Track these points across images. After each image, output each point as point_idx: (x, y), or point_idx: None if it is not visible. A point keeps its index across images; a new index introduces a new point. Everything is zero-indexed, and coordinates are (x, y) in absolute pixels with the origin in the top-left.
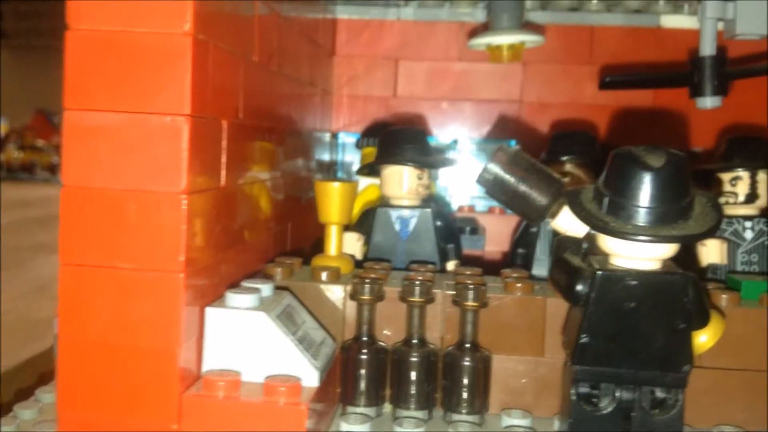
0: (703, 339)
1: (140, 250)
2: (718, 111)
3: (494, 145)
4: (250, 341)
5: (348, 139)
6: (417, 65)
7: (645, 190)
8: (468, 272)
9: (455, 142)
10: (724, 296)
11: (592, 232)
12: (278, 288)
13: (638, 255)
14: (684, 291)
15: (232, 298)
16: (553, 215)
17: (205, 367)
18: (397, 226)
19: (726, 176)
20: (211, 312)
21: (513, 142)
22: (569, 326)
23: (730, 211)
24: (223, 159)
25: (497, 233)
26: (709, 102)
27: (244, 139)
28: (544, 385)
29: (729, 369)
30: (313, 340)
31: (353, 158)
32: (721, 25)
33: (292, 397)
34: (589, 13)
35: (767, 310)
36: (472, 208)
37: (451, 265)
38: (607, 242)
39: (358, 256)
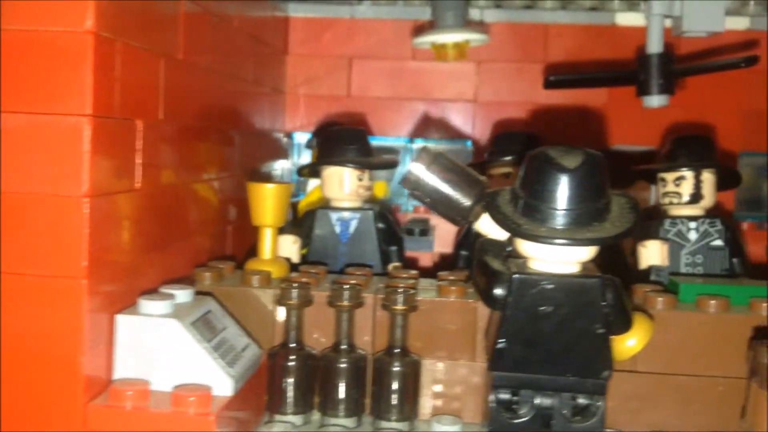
0: (631, 343)
1: (44, 256)
2: (674, 109)
3: (450, 145)
4: (162, 349)
5: (303, 139)
6: (371, 64)
7: (559, 192)
8: (404, 275)
9: (468, 143)
10: (659, 299)
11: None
12: (202, 293)
13: (554, 258)
14: (601, 295)
15: (145, 304)
16: (476, 217)
17: (116, 375)
18: (338, 228)
19: (670, 176)
20: (121, 319)
21: (469, 143)
22: (490, 331)
23: (674, 211)
24: (138, 160)
25: (452, 234)
26: (655, 101)
27: (167, 140)
28: (476, 391)
29: (663, 374)
30: (233, 347)
31: (309, 158)
32: (670, 23)
33: (202, 407)
34: (544, 11)
35: (704, 313)
36: (427, 209)
37: (392, 268)
38: (523, 245)
39: (295, 259)
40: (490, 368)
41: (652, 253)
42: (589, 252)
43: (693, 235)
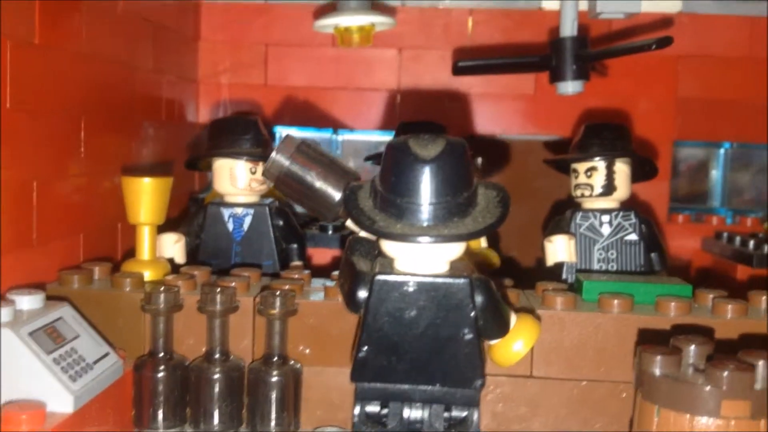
0: (518, 347)
1: None
2: (604, 97)
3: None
4: None
5: None
6: (288, 51)
7: (416, 185)
8: (295, 275)
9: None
10: (558, 299)
11: None
12: (62, 298)
13: (417, 257)
14: (470, 297)
15: None
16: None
17: None
18: (230, 226)
19: (581, 167)
20: None
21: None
22: (355, 339)
23: (587, 204)
24: None
25: None
26: (570, 87)
27: (15, 132)
28: None
29: (561, 379)
30: (82, 358)
31: None
32: (587, 6)
33: (34, 424)
34: None
35: (606, 313)
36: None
37: (292, 267)
38: (384, 244)
39: (178, 259)
40: (352, 378)
41: (558, 249)
42: (455, 249)
43: (606, 229)
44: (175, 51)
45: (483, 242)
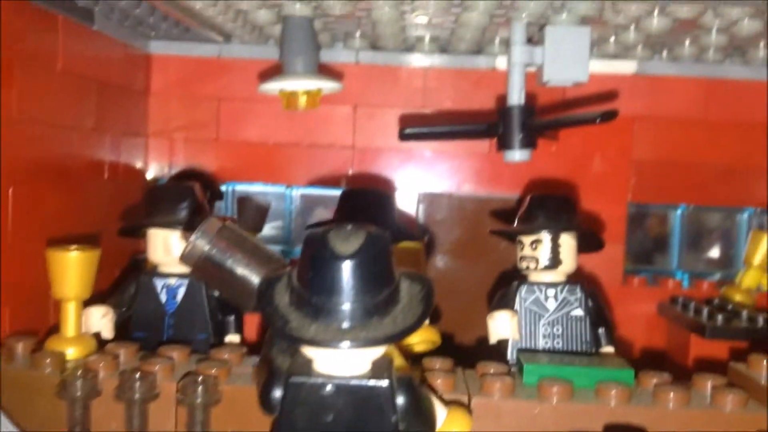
0: None
1: None
2: (560, 158)
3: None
4: None
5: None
6: (242, 106)
7: (332, 283)
8: (225, 355)
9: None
10: (497, 385)
11: None
12: None
13: (334, 358)
14: (389, 400)
15: None
16: None
17: None
18: (163, 297)
19: (527, 239)
20: None
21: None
22: None
23: (533, 277)
24: None
25: None
26: (517, 155)
27: None
28: None
29: None
30: None
31: None
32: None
33: None
34: (423, 54)
35: (544, 402)
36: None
37: (228, 341)
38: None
39: (106, 334)
40: None
41: (500, 325)
42: (374, 351)
43: (551, 304)
44: (122, 107)
45: None
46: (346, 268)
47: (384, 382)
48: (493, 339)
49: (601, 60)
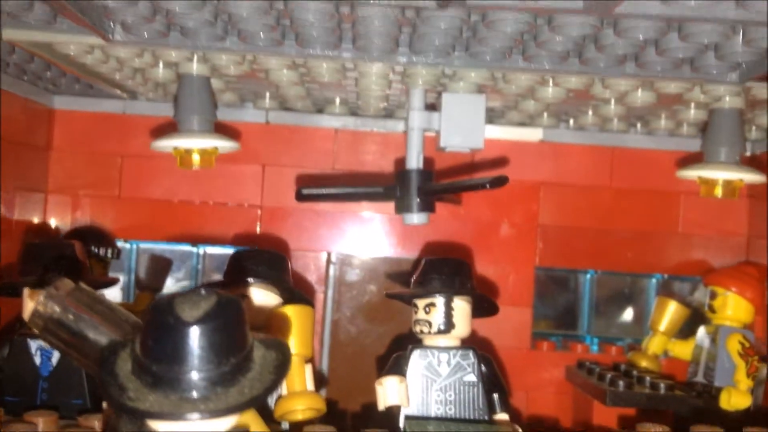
0: None
1: None
2: (467, 221)
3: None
4: None
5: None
6: (145, 163)
7: (172, 350)
8: (95, 422)
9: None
10: None
11: None
12: None
13: (177, 430)
14: None
15: None
16: None
17: None
18: (37, 359)
19: (421, 302)
20: None
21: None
22: None
23: (427, 341)
24: None
25: None
26: (415, 218)
27: None
28: None
29: None
30: None
31: None
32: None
33: None
34: (333, 116)
35: None
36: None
37: (105, 407)
38: None
39: None
40: None
41: (388, 391)
42: (222, 422)
43: (444, 369)
44: (20, 162)
45: (309, 384)
46: (190, 335)
47: None
48: (381, 405)
49: (507, 127)
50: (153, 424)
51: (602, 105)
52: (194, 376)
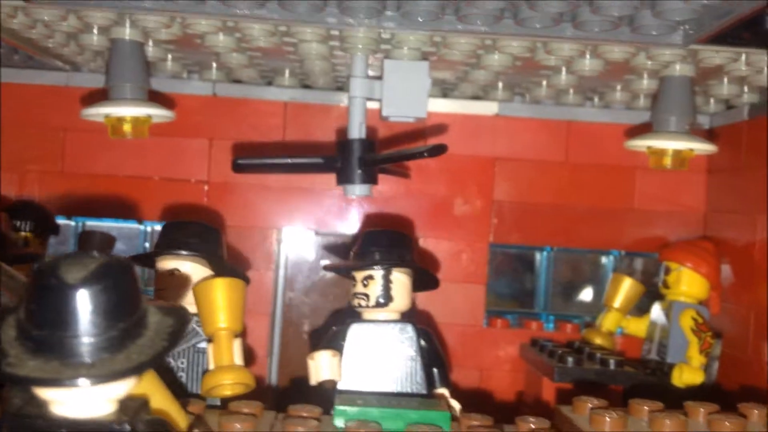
0: None
1: None
2: (415, 197)
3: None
4: None
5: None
6: (89, 137)
7: (53, 313)
8: None
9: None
10: (299, 430)
11: None
12: None
13: (65, 399)
14: None
15: None
16: None
17: None
18: None
19: (359, 275)
20: None
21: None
22: None
23: (365, 315)
24: None
25: None
26: (357, 190)
27: None
28: None
29: None
30: None
31: None
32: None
33: None
34: (281, 88)
35: None
36: None
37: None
38: None
39: None
40: None
41: (321, 366)
42: (116, 389)
43: (382, 343)
44: None
45: (237, 358)
46: (72, 298)
47: (124, 426)
48: (313, 380)
49: (462, 101)
50: (39, 391)
51: (553, 75)
52: (78, 341)
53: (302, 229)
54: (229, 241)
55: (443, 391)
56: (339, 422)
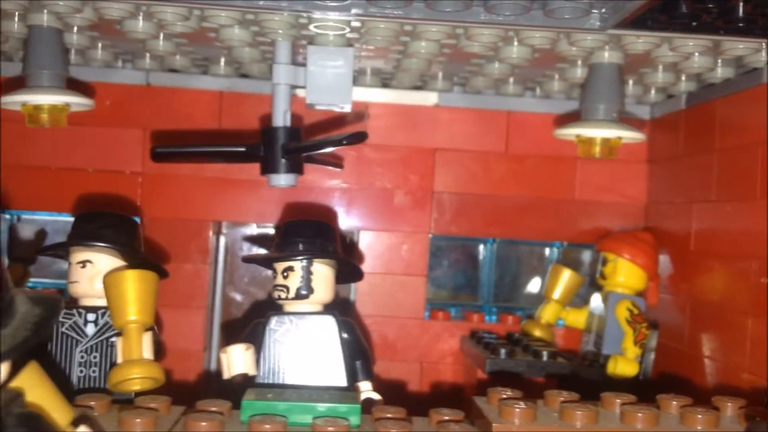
0: None
1: None
2: (359, 186)
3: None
4: None
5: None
6: (20, 128)
7: None
8: None
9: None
10: (202, 425)
11: None
12: None
13: None
14: None
15: None
16: None
17: None
18: None
19: (279, 267)
20: None
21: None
22: None
23: (286, 307)
24: None
25: None
26: (282, 180)
27: None
28: None
29: None
30: None
31: None
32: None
33: None
34: (216, 77)
35: None
36: None
37: None
38: None
39: None
40: None
41: (233, 360)
42: None
43: (300, 335)
44: None
45: (147, 352)
46: None
47: None
48: (226, 374)
49: (401, 91)
50: None
51: (486, 64)
52: None
53: (242, 222)
54: (164, 233)
55: (366, 384)
56: (246, 417)
